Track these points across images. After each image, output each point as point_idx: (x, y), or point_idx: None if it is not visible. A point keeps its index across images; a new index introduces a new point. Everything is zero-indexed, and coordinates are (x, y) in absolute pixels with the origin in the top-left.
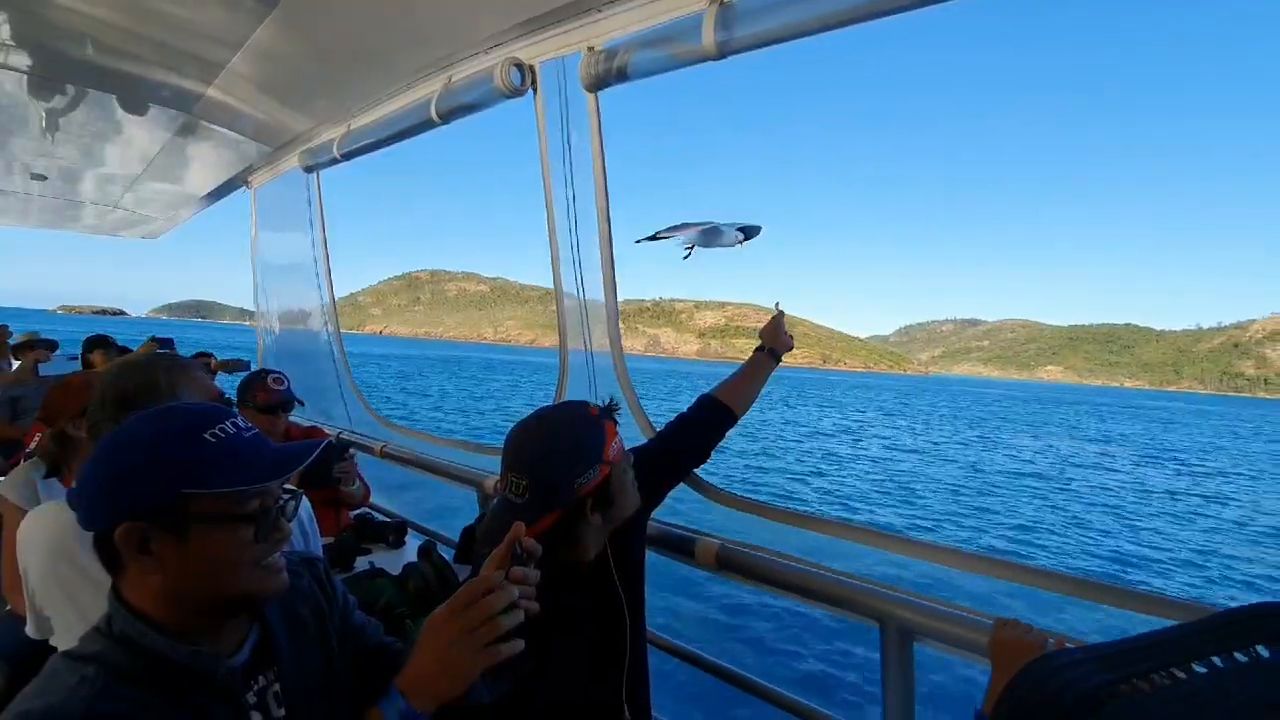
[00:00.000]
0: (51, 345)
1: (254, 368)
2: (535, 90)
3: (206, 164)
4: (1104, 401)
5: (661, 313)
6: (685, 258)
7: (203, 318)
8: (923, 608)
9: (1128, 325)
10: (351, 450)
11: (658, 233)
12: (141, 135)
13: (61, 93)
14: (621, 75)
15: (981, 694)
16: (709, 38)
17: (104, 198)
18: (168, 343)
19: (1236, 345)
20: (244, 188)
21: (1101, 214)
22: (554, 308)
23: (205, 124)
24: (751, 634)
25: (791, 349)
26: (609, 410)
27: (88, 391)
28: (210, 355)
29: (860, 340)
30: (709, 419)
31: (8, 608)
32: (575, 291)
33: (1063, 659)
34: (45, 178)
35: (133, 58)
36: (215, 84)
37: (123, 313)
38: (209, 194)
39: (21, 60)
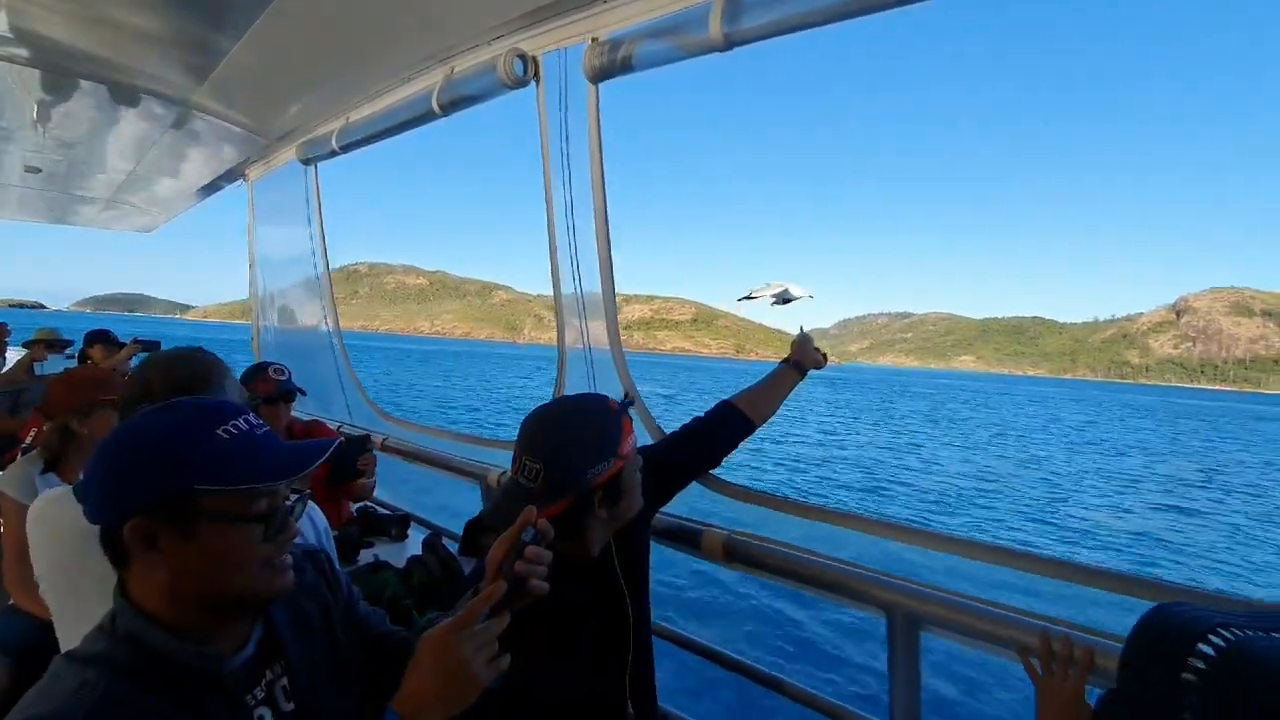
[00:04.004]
0: (67, 343)
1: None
2: (538, 82)
3: (202, 157)
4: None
5: None
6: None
7: (130, 311)
8: (930, 597)
9: (1034, 318)
10: (372, 442)
11: (751, 293)
12: (136, 128)
13: (54, 85)
14: (626, 66)
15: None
16: (716, 28)
17: (99, 191)
18: (152, 345)
19: (1125, 336)
20: (240, 180)
21: (1019, 207)
22: (492, 301)
23: (201, 116)
24: (758, 623)
25: (822, 365)
26: (625, 406)
27: (92, 387)
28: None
29: (775, 331)
30: (725, 427)
31: (10, 602)
32: (573, 286)
33: (1204, 606)
34: (39, 171)
35: (127, 48)
36: (212, 75)
37: (42, 306)
38: (204, 187)
39: (13, 50)
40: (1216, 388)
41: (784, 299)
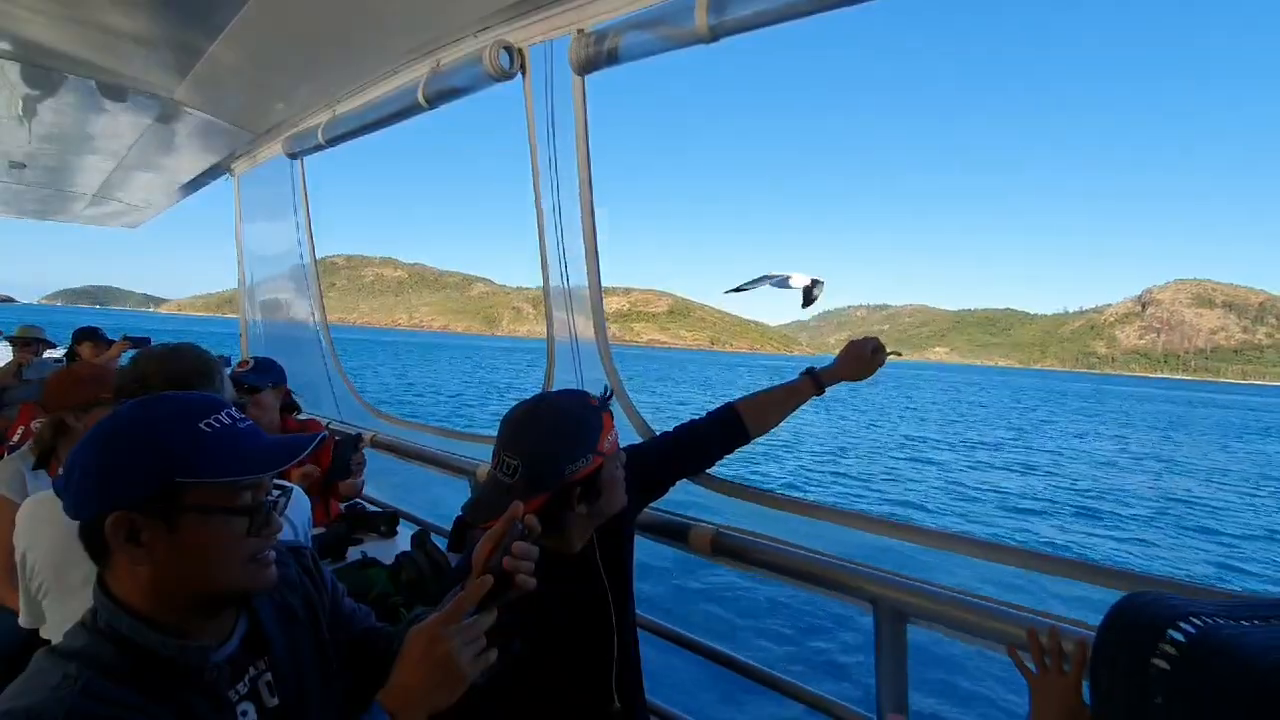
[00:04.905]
0: (50, 345)
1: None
2: (524, 74)
3: (188, 151)
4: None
5: None
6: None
7: (101, 304)
8: (916, 589)
9: (1006, 309)
10: (362, 441)
11: (742, 285)
12: (121, 123)
13: (37, 80)
14: (612, 58)
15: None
16: (701, 20)
17: (84, 187)
18: (142, 342)
19: (1093, 327)
20: (226, 175)
21: (999, 201)
22: (471, 293)
23: (186, 110)
24: (747, 618)
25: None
26: (606, 401)
27: (93, 384)
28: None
29: (752, 323)
30: (721, 433)
31: None
32: (560, 279)
33: (1175, 595)
34: (24, 166)
35: (111, 44)
36: (195, 70)
37: (12, 300)
38: (190, 182)
39: None
40: (1178, 377)
41: (781, 285)
